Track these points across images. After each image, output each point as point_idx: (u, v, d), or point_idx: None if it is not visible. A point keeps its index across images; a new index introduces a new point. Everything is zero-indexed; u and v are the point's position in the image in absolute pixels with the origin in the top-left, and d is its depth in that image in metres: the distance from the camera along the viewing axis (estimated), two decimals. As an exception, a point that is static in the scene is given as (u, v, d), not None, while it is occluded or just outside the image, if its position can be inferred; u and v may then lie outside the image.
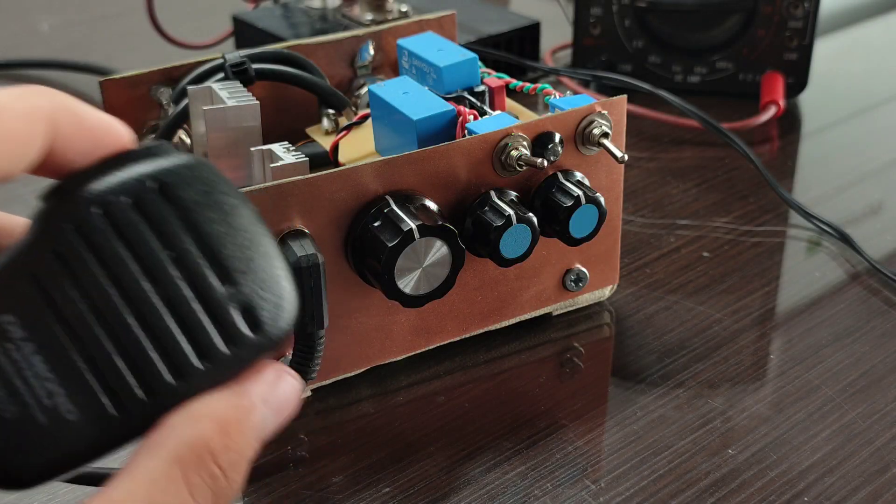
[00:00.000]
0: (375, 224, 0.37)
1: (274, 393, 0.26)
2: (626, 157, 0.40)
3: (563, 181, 0.40)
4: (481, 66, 0.45)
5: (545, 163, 0.39)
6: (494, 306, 0.43)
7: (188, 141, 0.47)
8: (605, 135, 0.41)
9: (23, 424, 0.24)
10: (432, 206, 0.39)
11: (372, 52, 0.51)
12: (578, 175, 0.41)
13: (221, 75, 0.46)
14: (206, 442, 0.24)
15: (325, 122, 0.48)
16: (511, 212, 0.39)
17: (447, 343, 0.43)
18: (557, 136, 0.40)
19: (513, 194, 0.40)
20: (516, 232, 0.39)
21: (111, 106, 0.47)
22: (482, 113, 0.43)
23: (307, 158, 0.39)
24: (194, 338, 0.25)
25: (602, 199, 0.40)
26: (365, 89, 0.50)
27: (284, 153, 0.39)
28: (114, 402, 0.24)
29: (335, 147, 0.44)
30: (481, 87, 0.45)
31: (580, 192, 0.40)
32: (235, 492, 0.25)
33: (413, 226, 0.37)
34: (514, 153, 0.39)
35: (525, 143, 0.40)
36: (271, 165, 0.38)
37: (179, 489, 0.23)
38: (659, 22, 0.65)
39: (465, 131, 0.40)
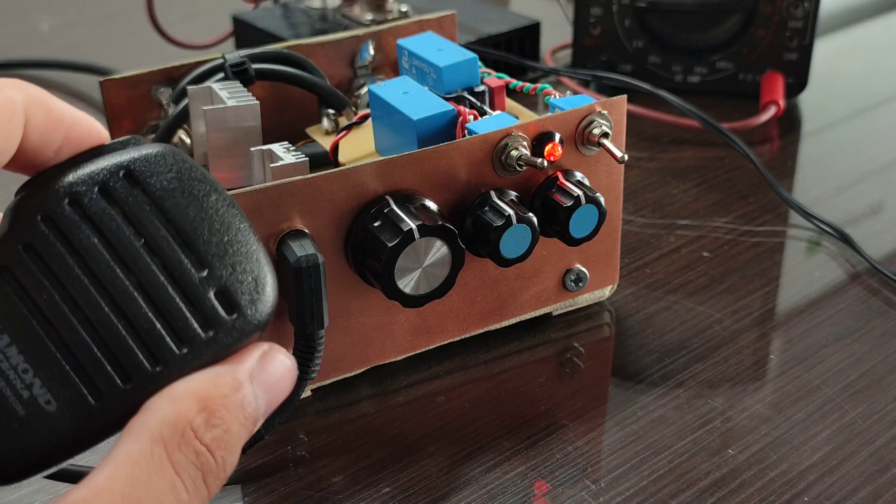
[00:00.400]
0: (375, 224, 0.37)
1: (263, 370, 0.25)
2: (626, 157, 0.40)
3: (563, 181, 0.40)
4: (481, 66, 0.45)
5: (545, 163, 0.39)
6: (494, 306, 0.43)
7: (188, 141, 0.47)
8: (605, 135, 0.41)
9: (1, 416, 0.24)
10: (432, 206, 0.39)
11: (372, 52, 0.51)
12: (578, 175, 0.41)
13: (221, 75, 0.46)
14: (187, 419, 0.23)
15: (325, 122, 0.48)
16: (511, 212, 0.39)
17: (447, 343, 0.43)
18: (557, 136, 0.40)
19: (513, 194, 0.40)
20: (516, 232, 0.39)
21: (111, 106, 0.47)
22: (482, 113, 0.43)
23: (307, 158, 0.39)
24: (171, 323, 0.25)
25: (602, 199, 0.40)
26: (365, 89, 0.50)
27: (284, 153, 0.39)
28: (93, 392, 0.24)
29: (335, 147, 0.44)
30: (481, 87, 0.45)
31: (580, 192, 0.40)
32: (226, 471, 0.24)
33: (413, 226, 0.37)
34: (514, 153, 0.39)
35: (525, 143, 0.40)
36: (271, 165, 0.38)
37: (164, 468, 0.23)
38: (659, 22, 0.65)
39: (465, 131, 0.40)
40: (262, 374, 0.25)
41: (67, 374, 0.24)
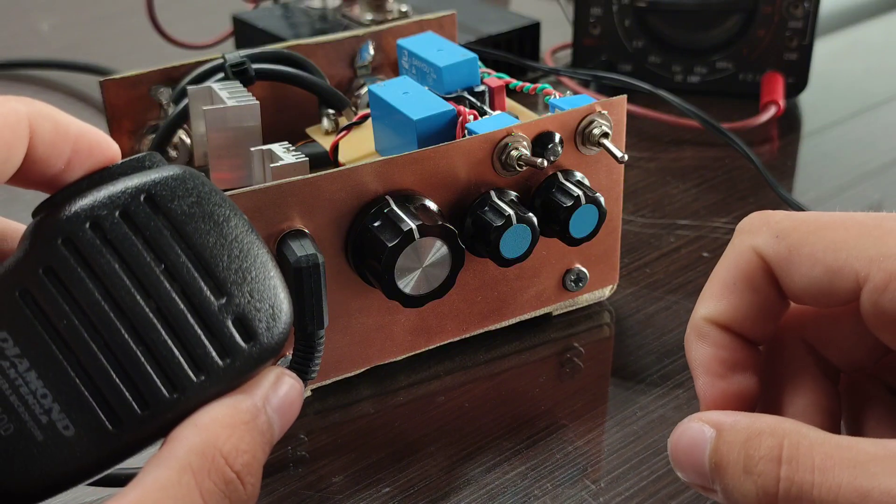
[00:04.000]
0: (375, 224, 0.37)
1: (276, 395, 0.26)
2: (626, 157, 0.40)
3: (563, 181, 0.40)
4: (481, 66, 0.45)
5: (545, 163, 0.39)
6: (494, 306, 0.43)
7: (188, 141, 0.47)
8: (605, 135, 0.41)
9: (19, 441, 0.24)
10: (432, 206, 0.39)
11: (372, 52, 0.51)
12: (578, 175, 0.41)
13: (221, 75, 0.46)
14: (217, 447, 0.24)
15: (325, 122, 0.48)
16: (511, 212, 0.39)
17: (447, 343, 0.43)
18: (557, 136, 0.40)
19: (513, 194, 0.40)
20: (516, 232, 0.39)
21: (111, 106, 0.47)
22: (482, 113, 0.43)
23: (307, 158, 0.39)
24: (189, 351, 0.25)
25: (602, 199, 0.40)
26: (365, 89, 0.50)
27: (284, 153, 0.39)
28: (110, 418, 0.24)
29: (335, 147, 0.44)
30: (481, 87, 0.45)
31: (580, 192, 0.40)
32: (252, 496, 0.24)
33: (413, 226, 0.37)
34: (514, 153, 0.39)
35: (525, 143, 0.40)
36: (271, 165, 0.38)
37: (192, 495, 0.23)
38: (659, 22, 0.65)
39: (465, 131, 0.40)
40: (276, 399, 0.26)
41: (86, 399, 0.24)
